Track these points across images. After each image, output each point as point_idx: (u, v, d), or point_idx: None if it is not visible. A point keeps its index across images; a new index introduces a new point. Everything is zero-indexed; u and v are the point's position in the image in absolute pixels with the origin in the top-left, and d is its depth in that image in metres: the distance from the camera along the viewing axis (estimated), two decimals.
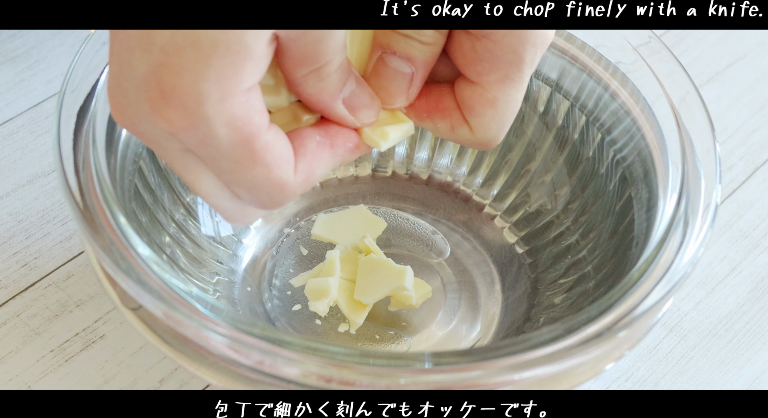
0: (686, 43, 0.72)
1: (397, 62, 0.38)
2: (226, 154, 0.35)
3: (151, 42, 0.33)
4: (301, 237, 0.55)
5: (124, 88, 0.34)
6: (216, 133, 0.34)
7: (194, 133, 0.34)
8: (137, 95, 0.34)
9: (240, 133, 0.34)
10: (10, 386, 0.49)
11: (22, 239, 0.55)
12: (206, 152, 0.35)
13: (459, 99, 0.39)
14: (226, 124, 0.34)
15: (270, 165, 0.35)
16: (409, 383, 0.38)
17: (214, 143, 0.34)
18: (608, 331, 0.40)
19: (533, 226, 0.55)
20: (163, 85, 0.33)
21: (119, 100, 0.35)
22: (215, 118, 0.33)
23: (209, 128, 0.34)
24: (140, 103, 0.34)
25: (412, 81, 0.39)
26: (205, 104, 0.33)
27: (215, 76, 0.33)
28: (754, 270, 0.58)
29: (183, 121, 0.33)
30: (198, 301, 0.39)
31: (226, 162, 0.35)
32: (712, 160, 0.46)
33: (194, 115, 0.33)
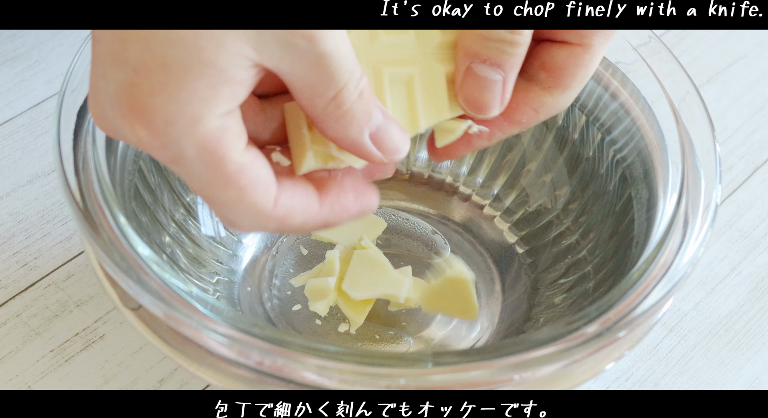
0: (686, 43, 0.72)
1: (488, 71, 0.37)
2: (197, 174, 0.34)
3: (122, 59, 0.33)
4: (301, 237, 0.55)
5: (100, 101, 0.35)
6: (185, 154, 0.34)
7: (164, 152, 0.34)
8: (111, 109, 0.34)
9: (212, 156, 0.33)
10: (10, 386, 0.49)
11: (22, 239, 0.55)
12: (177, 169, 0.35)
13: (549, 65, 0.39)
14: (196, 146, 0.33)
15: (244, 189, 0.34)
16: (409, 383, 0.38)
17: (184, 163, 0.34)
18: (608, 331, 0.40)
19: (533, 226, 0.55)
20: (134, 103, 0.33)
21: (96, 111, 0.35)
22: (184, 139, 0.33)
23: (178, 149, 0.33)
24: (114, 116, 0.34)
25: (504, 87, 0.38)
26: (174, 126, 0.33)
27: (187, 99, 0.32)
28: (754, 270, 0.58)
29: (152, 141, 0.33)
30: (198, 301, 0.39)
31: (197, 182, 0.35)
32: (712, 160, 0.46)
33: (163, 135, 0.33)
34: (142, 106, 0.33)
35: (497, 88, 0.38)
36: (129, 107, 0.33)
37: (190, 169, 0.34)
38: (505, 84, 0.38)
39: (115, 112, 0.34)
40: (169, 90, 0.32)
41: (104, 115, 0.35)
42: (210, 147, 0.33)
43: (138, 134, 0.34)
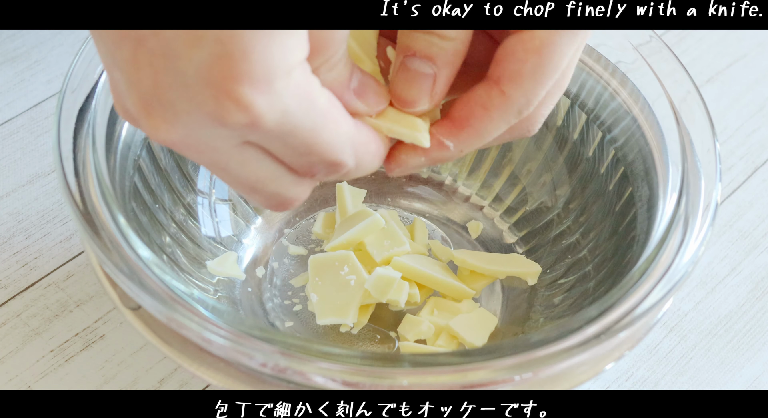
0: (686, 43, 0.72)
1: (418, 63, 0.37)
2: (300, 124, 0.34)
3: (199, 37, 0.32)
4: (302, 236, 0.55)
5: (167, 100, 0.33)
6: (290, 106, 0.33)
7: (274, 112, 0.33)
8: (191, 99, 0.33)
9: (308, 99, 0.34)
10: (10, 386, 0.49)
11: (22, 239, 0.55)
12: (281, 130, 0.34)
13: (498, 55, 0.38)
14: (295, 94, 0.33)
15: (337, 120, 0.35)
16: (409, 384, 0.38)
17: (289, 117, 0.33)
18: (608, 331, 0.40)
19: (533, 226, 0.55)
20: (230, 72, 0.32)
21: (163, 115, 0.33)
22: (286, 90, 0.33)
23: (285, 102, 0.33)
24: (201, 104, 0.33)
25: (435, 82, 0.38)
26: (277, 81, 0.32)
27: (278, 53, 0.32)
28: (754, 270, 0.58)
29: (263, 102, 0.32)
30: (199, 303, 0.39)
31: (303, 132, 0.34)
32: (712, 160, 0.46)
33: (271, 92, 0.32)
34: (241, 71, 0.32)
35: (426, 81, 0.38)
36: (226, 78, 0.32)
37: (295, 124, 0.34)
38: (436, 79, 0.38)
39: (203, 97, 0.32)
40: (260, 48, 0.32)
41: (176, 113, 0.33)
42: (305, 93, 0.34)
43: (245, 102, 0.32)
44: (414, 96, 0.38)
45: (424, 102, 0.38)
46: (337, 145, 0.36)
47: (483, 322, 0.50)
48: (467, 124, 0.39)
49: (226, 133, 0.34)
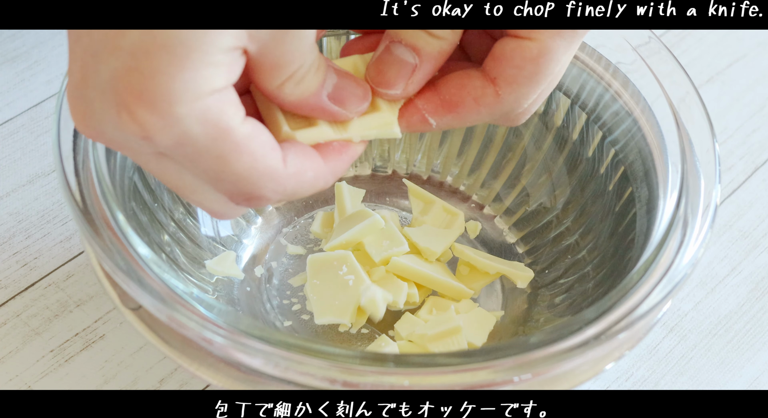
0: (686, 43, 0.72)
1: (402, 50, 0.38)
2: (206, 151, 0.34)
3: (117, 46, 0.33)
4: (300, 236, 0.55)
5: (88, 97, 0.34)
6: (191, 132, 0.33)
7: (169, 134, 0.33)
8: (103, 102, 0.33)
9: (216, 128, 0.33)
10: (10, 386, 0.49)
11: (22, 239, 0.55)
12: (184, 152, 0.34)
13: (497, 54, 0.38)
14: (200, 121, 0.33)
15: (255, 153, 0.34)
16: (409, 384, 0.38)
17: (191, 141, 0.34)
18: (608, 332, 0.40)
19: (533, 226, 0.55)
20: (133, 88, 0.33)
21: (82, 109, 0.34)
22: (189, 116, 0.33)
23: (184, 127, 0.33)
24: (107, 109, 0.33)
25: (413, 72, 0.38)
26: (178, 104, 0.33)
27: (189, 77, 0.32)
28: (754, 270, 0.58)
29: (156, 123, 0.33)
30: (198, 302, 0.39)
31: (208, 159, 0.34)
32: (712, 161, 0.46)
33: (167, 115, 0.33)
34: (143, 89, 0.32)
35: (406, 69, 0.38)
36: (128, 93, 0.33)
37: (197, 147, 0.34)
38: (415, 70, 0.38)
39: (110, 103, 0.33)
40: (171, 70, 0.32)
41: (92, 111, 0.34)
42: (214, 119, 0.33)
43: (139, 119, 0.33)
44: (390, 78, 0.38)
45: (399, 87, 0.38)
46: (253, 179, 0.35)
47: (482, 322, 0.50)
48: (455, 109, 0.39)
49: (135, 140, 0.34)
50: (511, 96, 0.38)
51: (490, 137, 0.56)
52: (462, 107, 0.39)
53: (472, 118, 0.39)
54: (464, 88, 0.39)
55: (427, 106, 0.39)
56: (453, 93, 0.39)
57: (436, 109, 0.39)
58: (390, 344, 0.49)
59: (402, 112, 0.40)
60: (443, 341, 0.48)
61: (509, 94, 0.38)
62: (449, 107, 0.39)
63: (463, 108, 0.39)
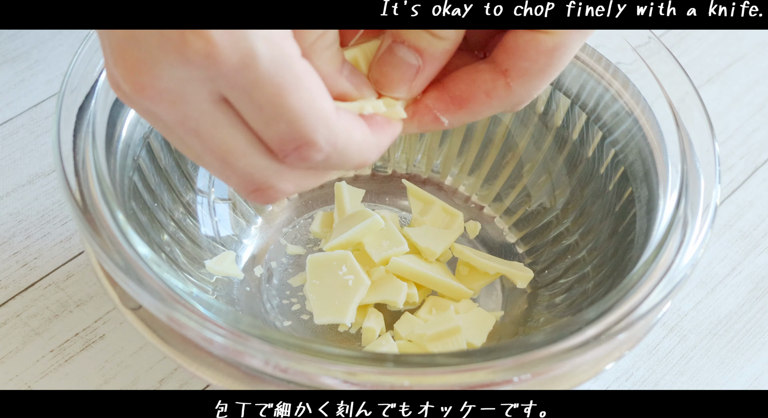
0: (686, 43, 0.72)
1: (404, 52, 0.37)
2: (267, 78, 0.32)
3: None
4: (300, 236, 0.55)
5: (141, 39, 0.32)
6: (257, 50, 0.32)
7: (235, 53, 0.32)
8: (161, 37, 0.32)
9: (281, 52, 0.32)
10: (10, 386, 0.49)
11: (22, 239, 0.55)
12: (244, 79, 0.33)
13: (508, 46, 0.38)
14: (266, 41, 0.32)
15: (312, 91, 0.33)
16: (409, 384, 0.38)
17: (255, 63, 0.32)
18: (608, 332, 0.40)
19: (533, 226, 0.55)
20: None
21: (135, 55, 0.33)
22: (255, 33, 0.32)
23: (250, 43, 0.32)
24: (167, 41, 0.32)
25: (417, 74, 0.38)
26: None
27: None
28: (754, 270, 0.58)
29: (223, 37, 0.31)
30: (198, 301, 0.39)
31: (268, 88, 0.33)
32: (712, 161, 0.46)
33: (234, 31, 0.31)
34: None
35: (409, 71, 0.38)
36: None
37: (260, 72, 0.32)
38: (419, 72, 0.38)
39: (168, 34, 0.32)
40: None
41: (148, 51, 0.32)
42: (279, 43, 0.32)
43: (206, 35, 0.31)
44: (393, 81, 0.38)
45: (402, 90, 0.38)
46: (308, 118, 0.34)
47: (481, 322, 0.50)
48: (466, 105, 0.39)
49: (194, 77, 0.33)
50: (522, 88, 0.38)
51: (490, 137, 0.56)
52: (473, 102, 0.39)
53: (484, 111, 0.39)
54: (474, 83, 0.39)
55: (438, 104, 0.39)
56: (463, 89, 0.39)
57: (447, 107, 0.39)
58: (390, 344, 0.49)
59: (413, 113, 0.39)
60: (443, 341, 0.48)
61: (521, 86, 0.38)
62: (460, 103, 0.39)
63: (474, 103, 0.39)
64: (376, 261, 0.51)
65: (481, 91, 0.39)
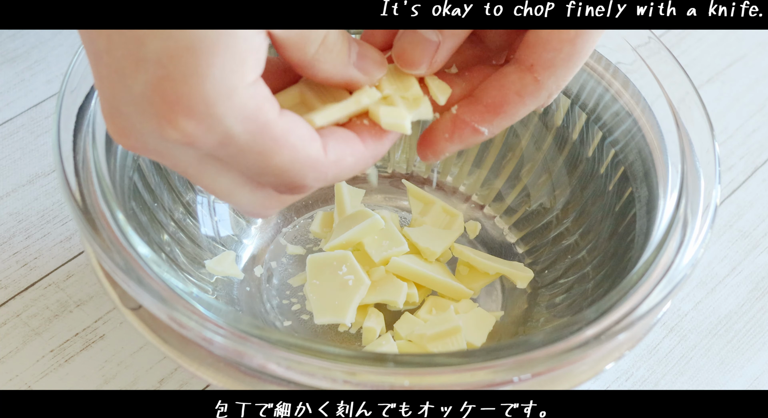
0: (686, 43, 0.72)
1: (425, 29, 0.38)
2: (248, 148, 0.34)
3: (141, 58, 0.33)
4: (300, 236, 0.55)
5: (124, 113, 0.34)
6: (232, 131, 0.33)
7: (211, 137, 0.33)
8: (140, 115, 0.33)
9: (256, 124, 0.34)
10: (10, 386, 0.49)
11: (22, 239, 0.55)
12: (226, 152, 0.34)
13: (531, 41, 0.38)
14: (240, 119, 0.33)
15: (295, 145, 0.35)
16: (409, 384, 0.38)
17: (233, 141, 0.34)
18: (608, 332, 0.40)
19: (533, 226, 0.55)
20: (167, 96, 0.33)
21: (121, 125, 0.35)
22: (227, 115, 0.33)
23: (224, 127, 0.33)
24: (145, 122, 0.34)
25: (437, 50, 0.38)
26: (215, 105, 0.33)
27: (219, 75, 0.32)
28: (754, 270, 0.58)
29: (197, 128, 0.33)
30: (198, 301, 0.39)
31: (250, 155, 0.34)
32: (712, 161, 0.46)
33: (207, 117, 0.33)
34: (179, 96, 0.32)
35: (430, 47, 0.38)
36: (164, 102, 0.33)
37: (240, 146, 0.34)
38: (439, 47, 0.38)
39: (148, 116, 0.33)
40: (201, 70, 0.32)
41: (131, 125, 0.34)
42: (253, 116, 0.33)
43: (181, 127, 0.33)
44: (416, 58, 0.39)
45: (424, 66, 0.39)
46: (295, 170, 0.35)
47: (481, 322, 0.50)
48: (502, 110, 0.40)
49: (179, 147, 0.34)
50: (550, 80, 0.39)
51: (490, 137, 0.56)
52: (507, 105, 0.39)
53: (519, 112, 0.40)
54: (503, 86, 0.39)
55: (474, 116, 0.40)
56: (494, 95, 0.39)
57: (483, 116, 0.40)
58: (390, 344, 0.49)
59: (452, 130, 0.40)
60: (442, 341, 0.48)
61: (548, 78, 0.39)
62: (495, 110, 0.40)
63: (508, 105, 0.39)
64: (376, 261, 0.51)
65: (512, 93, 0.39)
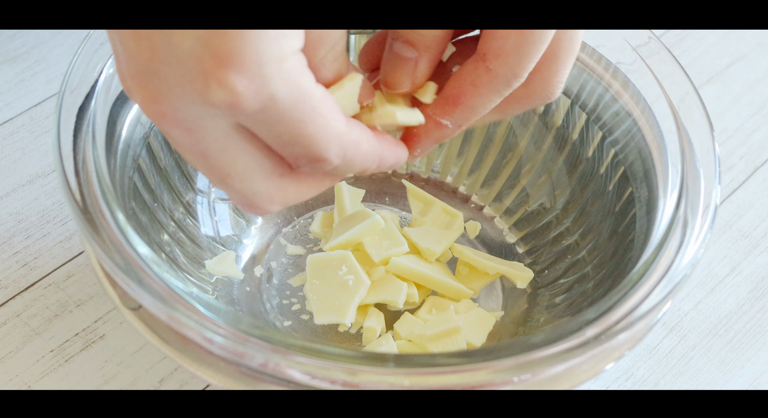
0: (686, 43, 0.72)
1: (399, 47, 0.39)
2: (287, 114, 0.34)
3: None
4: (300, 236, 0.55)
5: (162, 74, 0.33)
6: (278, 94, 0.33)
7: (258, 97, 0.33)
8: (184, 75, 0.33)
9: (299, 90, 0.34)
10: (10, 386, 0.49)
11: (22, 239, 0.55)
12: (264, 117, 0.34)
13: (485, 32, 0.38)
14: (286, 83, 0.33)
15: (327, 116, 0.35)
16: (411, 384, 0.38)
17: (275, 105, 0.34)
18: (608, 332, 0.40)
19: (533, 226, 0.55)
20: (220, 52, 0.32)
21: (156, 88, 0.34)
22: (276, 77, 0.33)
23: (272, 89, 0.33)
24: (188, 82, 0.33)
25: (416, 66, 0.39)
26: (267, 65, 0.33)
27: (273, 37, 0.32)
28: (754, 270, 0.58)
29: (247, 87, 0.33)
30: (198, 301, 0.39)
31: (287, 122, 0.34)
32: (712, 161, 0.46)
33: (258, 77, 0.33)
34: (231, 53, 0.32)
35: (408, 65, 0.39)
36: (216, 59, 0.32)
37: (279, 111, 0.34)
38: (417, 63, 0.39)
39: (194, 74, 0.33)
40: (254, 32, 0.32)
41: (169, 87, 0.33)
42: (297, 81, 0.34)
43: (230, 84, 0.32)
44: (396, 78, 0.39)
45: (407, 84, 0.39)
46: (323, 141, 0.35)
47: (481, 322, 0.50)
48: (459, 101, 0.40)
49: (214, 113, 0.34)
50: (502, 69, 0.38)
51: (490, 137, 0.56)
52: (463, 96, 0.39)
53: (478, 103, 0.39)
54: (460, 78, 0.39)
55: (436, 110, 0.40)
56: (452, 86, 0.40)
57: (443, 109, 0.40)
58: (390, 344, 0.49)
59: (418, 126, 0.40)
60: (442, 341, 0.48)
61: (500, 66, 0.38)
62: (454, 101, 0.40)
63: (464, 97, 0.39)
64: (376, 261, 0.51)
65: (467, 84, 0.39)
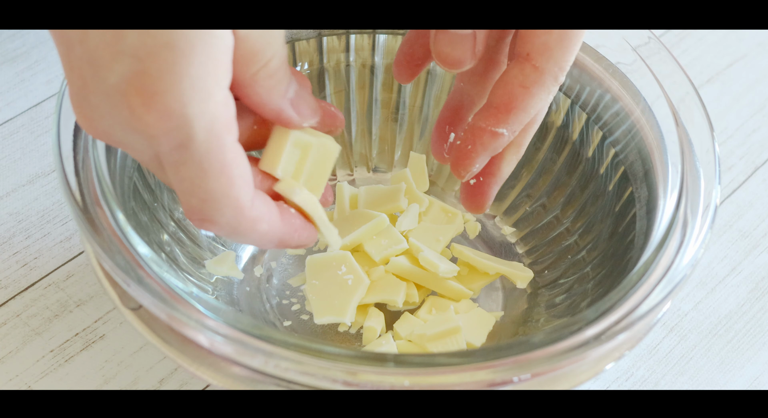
0: (686, 43, 0.72)
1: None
2: (197, 160, 0.34)
3: (119, 51, 0.32)
4: None
5: (93, 102, 0.34)
6: (195, 137, 0.33)
7: (175, 136, 0.33)
8: (111, 107, 0.34)
9: (218, 140, 0.34)
10: (10, 386, 0.49)
11: (22, 239, 0.55)
12: (177, 157, 0.34)
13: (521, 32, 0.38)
14: (207, 127, 0.33)
15: (233, 180, 0.35)
16: (411, 384, 0.38)
17: (190, 147, 0.34)
18: (608, 332, 0.40)
19: (533, 226, 0.55)
20: (143, 91, 0.32)
21: (88, 114, 0.35)
22: (199, 118, 0.33)
23: (190, 131, 0.33)
24: (115, 113, 0.34)
25: (475, 39, 0.38)
26: (189, 104, 0.33)
27: (196, 75, 0.32)
28: (754, 270, 0.58)
29: (167, 124, 0.33)
30: (198, 301, 0.39)
31: (192, 169, 0.35)
32: (712, 161, 0.46)
33: (178, 116, 0.33)
34: (154, 91, 0.32)
35: (467, 41, 0.38)
36: (138, 95, 0.33)
37: (193, 155, 0.34)
38: (475, 36, 0.38)
39: (119, 108, 0.33)
40: (179, 68, 0.32)
41: (100, 115, 0.34)
42: (218, 131, 0.34)
43: (149, 121, 0.33)
44: (460, 55, 0.39)
45: (468, 60, 0.39)
46: (218, 202, 0.35)
47: (481, 322, 0.50)
48: (512, 106, 0.39)
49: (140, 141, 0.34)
50: (549, 63, 0.38)
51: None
52: (516, 100, 0.39)
53: (530, 103, 0.39)
54: (507, 83, 0.39)
55: (489, 121, 0.40)
56: (501, 94, 0.39)
57: (496, 117, 0.40)
58: (390, 344, 0.49)
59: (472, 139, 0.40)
60: (442, 341, 0.48)
61: (546, 62, 0.38)
62: (506, 108, 0.39)
63: (516, 100, 0.39)
64: (376, 261, 0.51)
65: (516, 87, 0.39)
